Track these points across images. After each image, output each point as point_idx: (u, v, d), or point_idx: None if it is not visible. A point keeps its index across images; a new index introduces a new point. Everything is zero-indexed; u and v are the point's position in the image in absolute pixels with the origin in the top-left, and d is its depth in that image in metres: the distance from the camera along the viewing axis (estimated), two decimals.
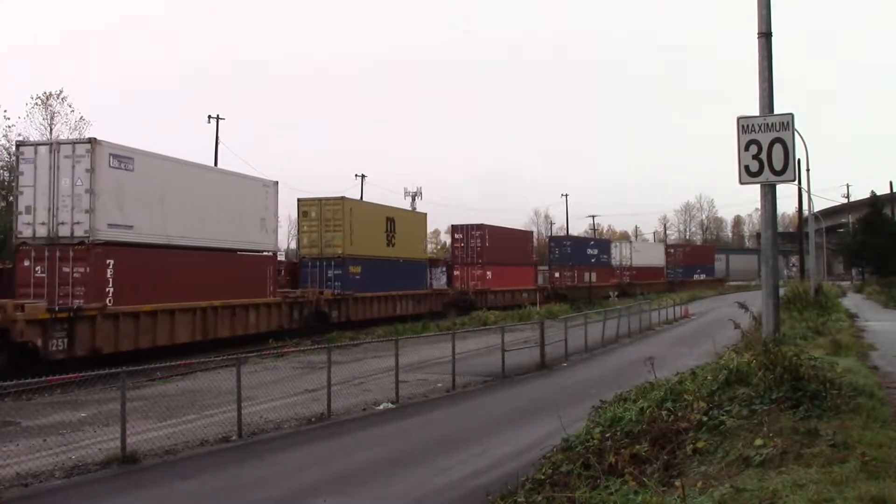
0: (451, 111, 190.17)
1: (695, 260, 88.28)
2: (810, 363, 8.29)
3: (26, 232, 20.72)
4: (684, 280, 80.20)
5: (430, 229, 55.04)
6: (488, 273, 47.09)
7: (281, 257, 69.89)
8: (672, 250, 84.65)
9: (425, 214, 45.44)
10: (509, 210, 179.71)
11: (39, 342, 18.69)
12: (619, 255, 67.59)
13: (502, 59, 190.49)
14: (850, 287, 63.73)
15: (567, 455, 7.95)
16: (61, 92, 43.91)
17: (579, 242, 64.07)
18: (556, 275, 57.91)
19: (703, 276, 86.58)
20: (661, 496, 5.49)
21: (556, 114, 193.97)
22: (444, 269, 45.11)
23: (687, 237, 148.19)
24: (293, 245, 60.38)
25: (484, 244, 47.50)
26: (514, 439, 12.17)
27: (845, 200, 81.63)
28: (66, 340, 19.33)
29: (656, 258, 77.37)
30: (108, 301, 20.51)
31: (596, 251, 64.16)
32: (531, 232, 59.16)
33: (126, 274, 21.09)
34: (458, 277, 45.60)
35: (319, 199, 33.97)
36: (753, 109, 9.80)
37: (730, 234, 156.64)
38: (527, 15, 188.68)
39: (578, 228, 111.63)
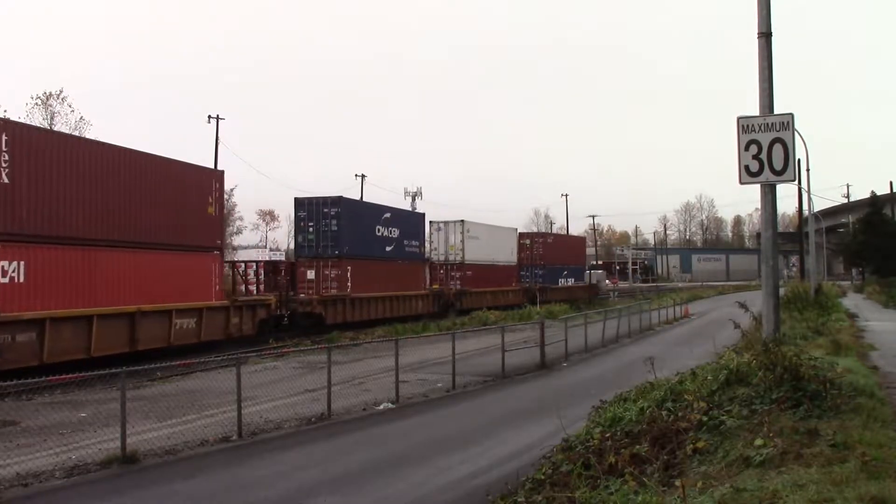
0: (452, 112, 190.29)
1: (563, 257, 58.30)
2: (810, 363, 8.28)
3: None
4: (546, 286, 53.08)
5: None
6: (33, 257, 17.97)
7: (280, 257, 70.25)
8: (528, 242, 54.51)
9: None
10: (509, 210, 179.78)
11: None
12: (443, 243, 42.69)
13: (503, 60, 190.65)
14: (850, 287, 63.70)
15: (567, 455, 7.94)
16: (61, 92, 43.87)
17: (361, 212, 35.05)
18: (308, 275, 31.58)
19: (570, 282, 58.82)
20: (661, 496, 5.49)
21: (556, 114, 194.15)
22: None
23: (687, 237, 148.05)
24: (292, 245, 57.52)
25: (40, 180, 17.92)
26: (514, 439, 12.18)
27: (845, 200, 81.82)
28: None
29: (505, 252, 49.46)
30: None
31: (396, 232, 36.71)
32: (220, 172, 27.12)
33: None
34: None
35: None
36: (753, 109, 9.80)
37: (730, 234, 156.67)
38: (527, 15, 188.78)
39: (578, 229, 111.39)
